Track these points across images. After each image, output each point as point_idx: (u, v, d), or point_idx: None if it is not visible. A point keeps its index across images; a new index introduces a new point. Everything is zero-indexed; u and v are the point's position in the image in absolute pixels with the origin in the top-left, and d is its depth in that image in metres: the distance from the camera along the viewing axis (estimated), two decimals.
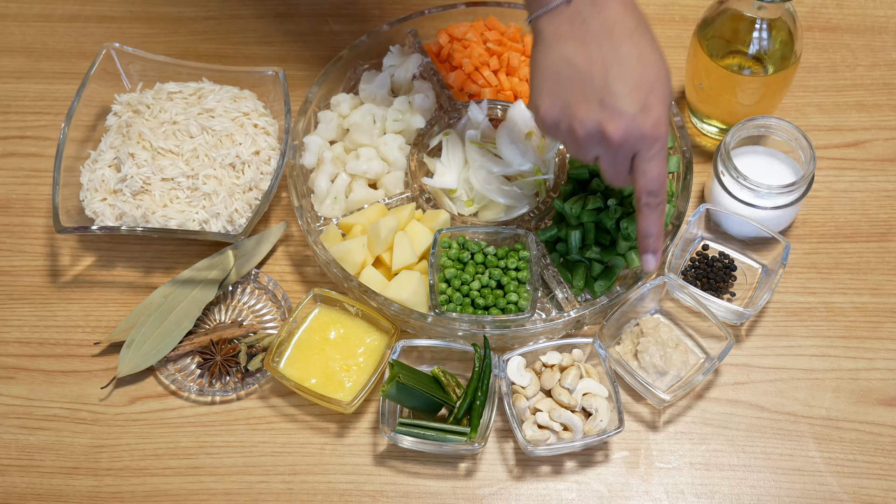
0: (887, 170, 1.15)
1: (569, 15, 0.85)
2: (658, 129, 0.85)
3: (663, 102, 0.86)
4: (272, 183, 1.07)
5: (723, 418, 0.99)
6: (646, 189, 0.88)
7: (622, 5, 0.85)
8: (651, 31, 0.87)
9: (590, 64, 0.85)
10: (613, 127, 0.85)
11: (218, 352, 1.02)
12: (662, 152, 0.87)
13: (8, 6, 1.30)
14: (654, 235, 0.91)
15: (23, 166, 1.17)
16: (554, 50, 0.86)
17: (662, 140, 0.86)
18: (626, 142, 0.85)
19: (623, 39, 0.85)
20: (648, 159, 0.86)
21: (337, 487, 0.96)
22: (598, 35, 0.85)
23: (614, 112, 0.84)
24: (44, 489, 0.97)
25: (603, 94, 0.85)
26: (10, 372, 1.03)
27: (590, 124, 0.86)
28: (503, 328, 0.97)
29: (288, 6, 1.30)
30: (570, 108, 0.86)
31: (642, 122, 0.85)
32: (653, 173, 0.87)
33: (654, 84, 0.85)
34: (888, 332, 1.04)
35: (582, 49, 0.85)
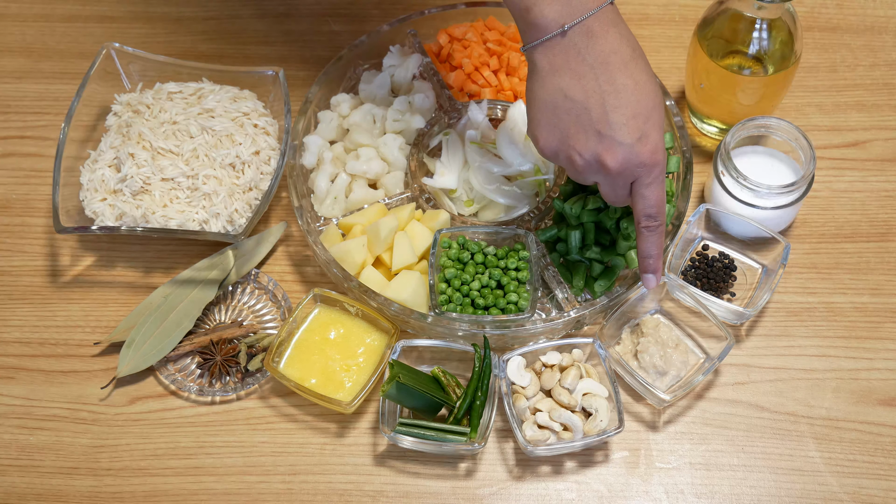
0: (887, 170, 1.15)
1: (563, 47, 0.86)
2: (656, 156, 0.87)
3: (660, 129, 0.87)
4: (272, 183, 1.07)
5: (723, 418, 0.99)
6: (644, 213, 0.90)
7: (617, 36, 0.86)
8: (645, 59, 0.88)
9: (586, 96, 0.86)
10: (611, 158, 0.86)
11: (218, 352, 1.02)
12: (660, 177, 0.89)
13: (8, 6, 1.30)
14: (654, 256, 0.93)
15: (23, 166, 1.17)
16: (550, 82, 0.87)
17: (661, 166, 0.88)
18: (624, 171, 0.87)
19: (619, 70, 0.85)
20: (647, 185, 0.88)
21: (337, 487, 0.96)
22: (594, 67, 0.85)
23: (612, 143, 0.86)
24: (44, 489, 0.97)
25: (600, 125, 0.86)
26: (10, 372, 1.03)
27: (588, 155, 0.87)
28: (503, 328, 0.97)
29: (288, 6, 1.30)
30: (569, 140, 0.88)
31: (640, 150, 0.86)
32: (651, 198, 0.89)
33: (651, 112, 0.86)
34: (888, 332, 1.04)
35: (578, 81, 0.86)
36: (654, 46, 1.25)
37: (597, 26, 0.85)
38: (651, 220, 0.90)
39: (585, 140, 0.87)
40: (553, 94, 0.87)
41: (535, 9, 0.86)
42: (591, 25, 0.85)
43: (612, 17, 0.86)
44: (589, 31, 0.85)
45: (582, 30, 0.85)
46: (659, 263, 0.94)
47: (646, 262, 0.93)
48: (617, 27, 0.86)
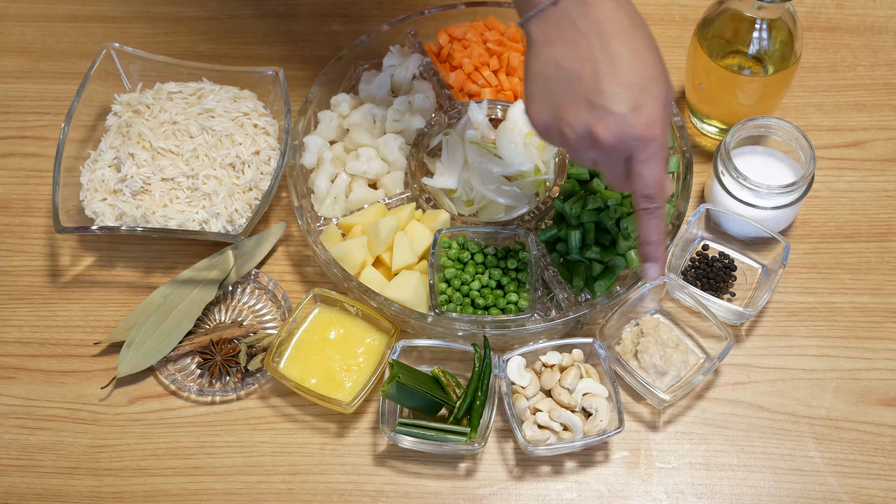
0: (887, 170, 1.15)
1: (557, 16, 0.83)
2: (652, 129, 0.82)
3: (658, 101, 0.82)
4: (272, 183, 1.07)
5: (723, 418, 0.99)
6: (642, 193, 0.85)
7: (613, 4, 0.82)
8: (647, 29, 0.83)
9: (579, 64, 0.82)
10: (603, 128, 0.82)
11: (218, 352, 1.02)
12: (659, 154, 0.83)
13: (8, 6, 1.30)
14: (653, 242, 0.87)
15: (23, 166, 1.17)
16: (544, 53, 0.84)
17: (659, 141, 0.82)
18: (618, 144, 0.82)
19: (614, 37, 0.81)
20: (643, 161, 0.83)
21: (337, 487, 0.96)
22: (588, 34, 0.82)
23: (604, 112, 0.81)
24: (44, 489, 0.97)
25: (592, 94, 0.82)
26: (10, 372, 1.03)
27: (579, 127, 0.83)
28: (503, 328, 0.97)
29: (288, 6, 1.30)
30: (560, 112, 0.84)
31: (634, 121, 0.81)
32: (649, 176, 0.83)
33: (649, 82, 0.82)
34: (888, 332, 1.04)
35: (571, 50, 0.82)
36: None
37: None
38: (649, 200, 0.84)
39: (577, 111, 0.82)
40: (546, 65, 0.84)
41: None
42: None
43: None
44: (582, 1, 0.82)
45: None
46: (660, 251, 0.87)
47: (645, 248, 0.87)
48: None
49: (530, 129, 1.10)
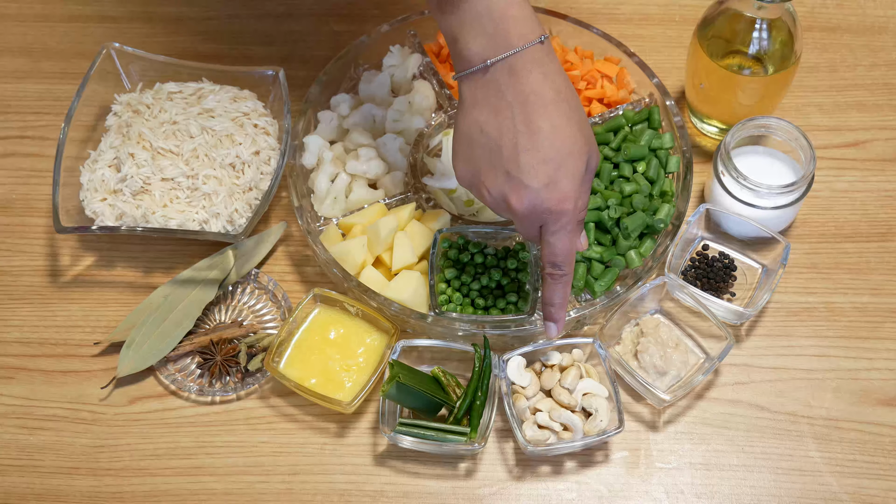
0: (887, 170, 1.15)
1: (485, 81, 0.84)
2: (564, 204, 0.85)
3: (574, 177, 0.85)
4: (272, 183, 1.07)
5: (723, 418, 0.99)
6: (549, 260, 0.88)
7: (541, 76, 0.84)
8: (573, 102, 0.85)
9: (500, 133, 0.84)
10: (517, 199, 0.85)
11: (218, 352, 1.02)
12: (569, 227, 0.86)
13: (8, 6, 1.30)
14: (556, 305, 0.91)
15: (23, 166, 1.17)
16: (470, 115, 0.86)
17: (569, 215, 0.85)
18: (530, 214, 0.86)
19: (536, 111, 0.83)
20: (552, 233, 0.86)
21: (337, 487, 0.96)
22: (512, 105, 0.84)
23: (519, 185, 0.84)
24: (44, 489, 0.97)
25: (510, 165, 0.84)
26: (10, 372, 1.03)
27: (496, 193, 0.86)
28: (503, 328, 0.97)
29: (288, 6, 1.30)
30: (480, 175, 0.87)
31: (547, 196, 0.84)
32: (557, 247, 0.87)
33: (566, 158, 0.84)
34: (888, 332, 1.04)
35: (495, 117, 0.84)
36: (654, 46, 1.25)
37: (519, 65, 0.83)
38: (555, 268, 0.88)
39: (494, 178, 0.86)
40: (471, 126, 0.86)
41: (461, 40, 0.85)
42: (513, 63, 0.83)
43: (537, 57, 0.83)
44: (511, 69, 0.83)
45: (504, 67, 0.83)
46: (562, 314, 0.92)
47: (547, 308, 0.92)
48: (542, 67, 0.84)
49: None
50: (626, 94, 1.15)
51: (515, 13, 0.83)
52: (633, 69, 1.14)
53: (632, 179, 1.06)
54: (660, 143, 1.08)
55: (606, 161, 1.08)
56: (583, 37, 1.17)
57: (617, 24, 1.27)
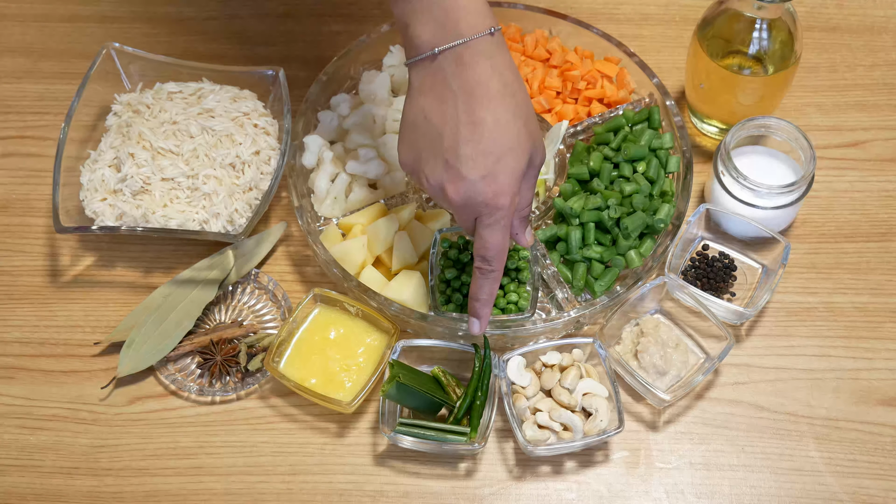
0: (887, 170, 1.15)
1: (433, 69, 0.84)
2: (499, 198, 0.85)
3: (512, 172, 0.85)
4: (272, 183, 1.07)
5: (723, 418, 0.99)
6: (479, 254, 0.88)
7: (489, 68, 0.83)
8: (520, 97, 0.85)
9: (443, 122, 0.84)
10: (453, 189, 0.85)
11: (218, 352, 1.02)
12: (503, 222, 0.86)
13: (8, 6, 1.30)
14: (481, 301, 0.91)
15: (23, 166, 1.17)
16: (416, 101, 0.86)
17: (504, 210, 0.85)
18: (466, 205, 0.85)
19: (480, 103, 0.83)
20: (486, 226, 0.86)
21: (337, 487, 0.96)
22: (457, 94, 0.84)
23: (457, 175, 0.84)
24: (44, 489, 0.97)
25: (449, 155, 0.84)
26: (10, 372, 1.03)
27: (434, 181, 0.86)
28: (503, 328, 0.97)
29: (288, 6, 1.30)
30: (420, 162, 0.87)
31: (483, 189, 0.84)
32: (489, 241, 0.87)
33: (505, 153, 0.84)
34: (888, 332, 1.04)
35: (439, 106, 0.85)
36: (654, 46, 1.25)
37: (467, 55, 0.83)
38: (484, 262, 0.88)
39: (434, 166, 0.86)
40: (416, 113, 0.86)
41: (411, 27, 0.85)
42: (461, 53, 0.83)
43: (486, 49, 0.83)
44: (459, 59, 0.83)
45: (452, 55, 0.83)
46: (486, 310, 0.91)
47: (472, 303, 0.92)
48: (491, 59, 0.83)
49: None
50: (626, 94, 1.15)
51: (466, 3, 0.83)
52: (633, 69, 1.14)
53: (632, 179, 1.06)
54: (660, 143, 1.08)
55: (606, 161, 1.08)
56: (583, 37, 1.17)
57: (617, 24, 1.27)
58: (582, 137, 1.12)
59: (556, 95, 1.15)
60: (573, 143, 1.11)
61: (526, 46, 1.18)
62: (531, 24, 1.19)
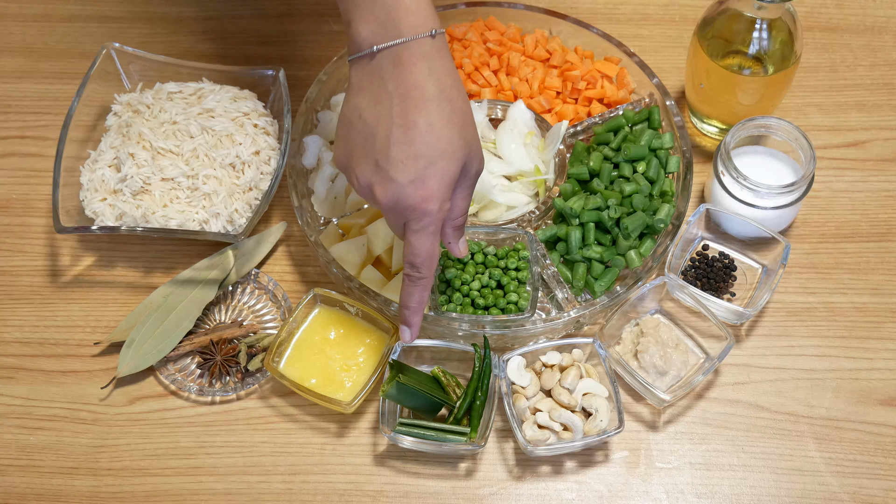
0: (887, 170, 1.15)
1: (371, 68, 0.84)
2: (427, 203, 0.83)
3: (443, 178, 0.83)
4: (272, 183, 1.07)
5: (723, 418, 0.99)
6: (408, 260, 0.87)
7: (426, 71, 0.82)
8: (457, 102, 0.84)
9: (377, 122, 0.84)
10: (381, 191, 0.84)
11: (218, 352, 1.02)
12: (431, 227, 0.85)
13: (8, 6, 1.30)
14: (410, 309, 0.90)
15: (23, 166, 1.17)
16: (353, 99, 0.86)
17: (431, 216, 0.84)
18: (393, 208, 0.85)
19: (415, 106, 0.82)
20: (413, 231, 0.85)
21: (337, 487, 0.96)
22: (392, 95, 0.83)
23: (385, 177, 0.83)
24: (44, 489, 0.97)
25: (379, 156, 0.83)
26: (10, 372, 1.03)
27: (363, 181, 0.86)
28: (503, 328, 0.97)
29: (288, 6, 1.30)
30: (352, 161, 0.86)
31: (412, 193, 0.83)
32: (417, 246, 0.86)
33: (437, 158, 0.83)
34: (888, 332, 1.04)
35: (374, 106, 0.84)
36: (654, 46, 1.25)
37: (406, 56, 0.82)
38: (413, 269, 0.87)
39: (364, 165, 0.85)
40: (352, 111, 0.86)
41: (353, 24, 0.84)
42: (399, 53, 0.82)
43: (425, 51, 0.82)
44: (397, 59, 0.82)
45: (391, 55, 0.83)
46: (416, 318, 0.90)
47: (401, 311, 0.90)
48: (429, 62, 0.82)
49: (530, 129, 1.10)
50: (626, 94, 1.15)
51: (409, 3, 0.82)
52: (633, 69, 1.14)
53: (632, 179, 1.06)
54: (660, 143, 1.08)
55: (606, 161, 1.08)
56: (583, 37, 1.17)
57: (617, 24, 1.27)
58: (582, 137, 1.13)
59: (556, 95, 1.15)
60: (573, 143, 1.11)
61: (526, 46, 1.18)
62: (531, 24, 1.19)
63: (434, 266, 0.88)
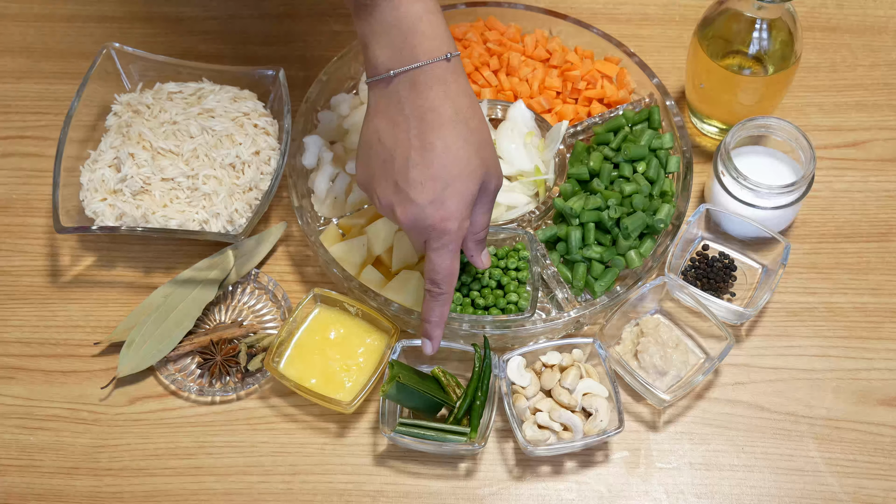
0: (887, 170, 1.15)
1: (388, 92, 0.85)
2: (447, 223, 0.86)
3: (461, 198, 0.85)
4: (272, 183, 1.07)
5: (723, 418, 0.99)
6: (428, 277, 0.89)
7: (442, 94, 0.84)
8: (473, 123, 0.86)
9: (395, 145, 0.85)
10: (402, 212, 0.86)
11: (218, 352, 1.02)
12: (450, 246, 0.87)
13: (8, 6, 1.30)
14: (432, 323, 0.92)
15: (23, 166, 1.17)
16: (372, 121, 0.87)
17: (451, 235, 0.86)
18: (413, 228, 0.87)
19: (432, 129, 0.84)
20: (434, 249, 0.87)
21: (337, 487, 0.96)
22: (409, 119, 0.84)
23: (405, 198, 0.85)
24: (44, 489, 0.97)
25: (399, 177, 0.85)
26: (10, 372, 1.03)
27: (384, 201, 0.88)
28: (503, 328, 0.97)
29: (288, 6, 1.30)
30: (373, 182, 0.88)
31: (431, 213, 0.85)
32: (438, 264, 0.88)
33: (454, 179, 0.85)
34: (888, 332, 1.04)
35: (392, 128, 0.85)
36: (654, 46, 1.25)
37: (422, 80, 0.84)
38: (434, 285, 0.89)
39: (385, 187, 0.87)
40: (371, 133, 0.87)
41: (370, 48, 0.86)
42: (416, 77, 0.84)
43: (440, 74, 0.84)
44: (413, 83, 0.84)
45: (407, 79, 0.84)
46: (437, 332, 0.92)
47: (424, 325, 0.93)
48: (444, 85, 0.84)
49: (530, 129, 1.10)
50: (626, 94, 1.15)
51: (425, 28, 0.84)
52: (633, 69, 1.14)
53: (632, 179, 1.06)
54: (660, 143, 1.08)
55: (606, 161, 1.08)
56: (583, 37, 1.17)
57: (617, 24, 1.27)
58: (582, 137, 1.12)
59: (556, 95, 1.15)
60: (573, 143, 1.11)
61: (526, 46, 1.18)
62: (531, 24, 1.19)
63: (454, 282, 0.90)
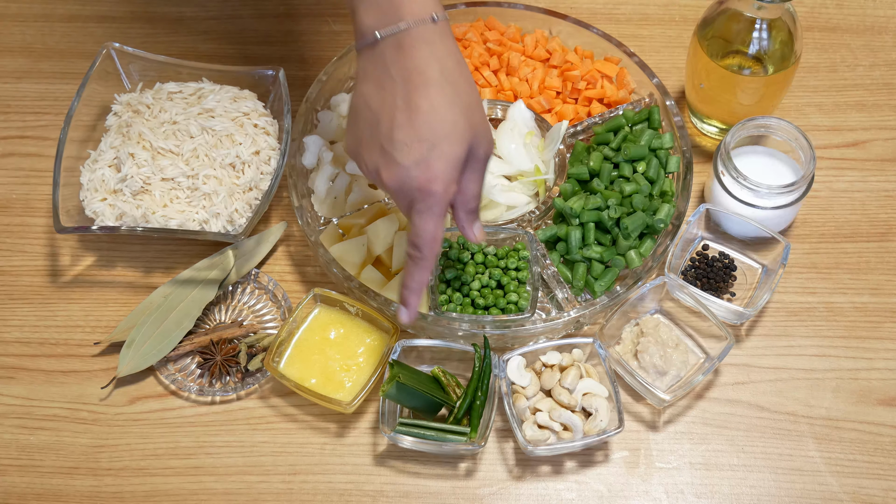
0: (887, 170, 1.15)
1: (375, 55, 0.85)
2: (432, 185, 0.84)
3: (448, 160, 0.84)
4: (272, 183, 1.07)
5: (723, 418, 1.00)
6: (411, 240, 0.88)
7: (428, 55, 0.83)
8: (461, 85, 0.85)
9: (381, 108, 0.85)
10: (387, 174, 0.85)
11: (218, 352, 1.02)
12: (435, 209, 0.85)
13: (8, 6, 1.30)
14: (409, 289, 0.90)
15: (23, 166, 1.17)
16: (360, 87, 0.87)
17: (436, 197, 0.85)
18: (399, 190, 0.86)
19: (417, 90, 0.83)
20: (418, 212, 0.86)
21: (337, 487, 0.97)
22: (395, 81, 0.84)
23: (391, 160, 0.84)
24: (44, 489, 0.97)
25: (384, 140, 0.85)
26: (10, 372, 1.03)
27: (371, 165, 0.87)
28: (503, 328, 0.97)
29: (288, 6, 1.30)
30: (360, 147, 0.88)
31: (416, 175, 0.84)
32: (420, 227, 0.86)
33: (440, 140, 0.83)
34: (888, 332, 1.04)
35: (378, 92, 0.85)
36: (654, 46, 1.25)
37: (407, 41, 0.83)
38: (415, 249, 0.87)
39: (371, 150, 0.86)
40: (359, 99, 0.87)
41: (357, 13, 0.85)
42: (401, 39, 0.83)
43: (427, 36, 0.83)
44: (399, 45, 0.83)
45: (393, 42, 0.84)
46: (414, 299, 0.90)
47: (401, 291, 0.91)
48: (430, 46, 0.83)
49: (530, 129, 1.10)
50: (626, 94, 1.15)
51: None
52: (633, 69, 1.14)
53: (632, 179, 1.06)
54: (660, 143, 1.08)
55: (606, 161, 1.08)
56: (583, 37, 1.17)
57: (617, 24, 1.27)
58: (582, 137, 1.13)
59: (556, 95, 1.15)
60: (573, 143, 1.11)
61: (526, 46, 1.18)
62: (531, 24, 1.19)
63: (436, 248, 0.88)
